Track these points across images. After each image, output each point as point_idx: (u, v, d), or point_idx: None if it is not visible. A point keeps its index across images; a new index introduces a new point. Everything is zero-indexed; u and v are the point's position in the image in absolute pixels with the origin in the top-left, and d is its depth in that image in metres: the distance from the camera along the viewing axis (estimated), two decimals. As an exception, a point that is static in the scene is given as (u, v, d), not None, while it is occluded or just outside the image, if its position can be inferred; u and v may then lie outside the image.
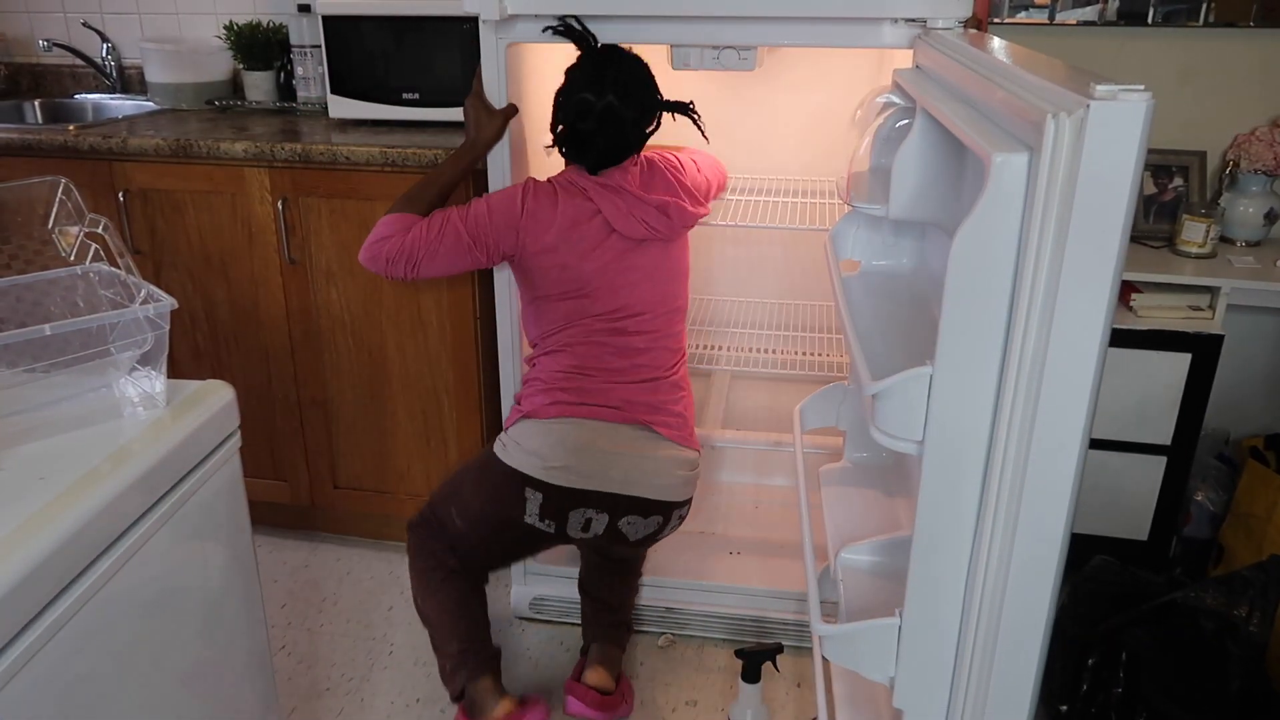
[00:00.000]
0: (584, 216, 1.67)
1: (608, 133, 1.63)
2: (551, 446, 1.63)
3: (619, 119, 1.62)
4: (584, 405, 1.67)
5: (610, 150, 1.66)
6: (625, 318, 1.71)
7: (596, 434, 1.66)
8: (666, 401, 1.74)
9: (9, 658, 0.90)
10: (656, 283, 1.74)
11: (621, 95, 1.62)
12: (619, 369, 1.71)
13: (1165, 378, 2.01)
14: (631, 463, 1.66)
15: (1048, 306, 0.86)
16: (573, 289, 1.69)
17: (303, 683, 1.95)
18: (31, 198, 1.34)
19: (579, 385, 1.69)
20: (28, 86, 2.81)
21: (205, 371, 2.21)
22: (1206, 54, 2.17)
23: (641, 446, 1.68)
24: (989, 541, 0.97)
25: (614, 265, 1.69)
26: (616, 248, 1.68)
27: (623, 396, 1.69)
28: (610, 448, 1.65)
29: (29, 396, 1.18)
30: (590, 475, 1.63)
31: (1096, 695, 1.69)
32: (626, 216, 1.66)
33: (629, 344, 1.71)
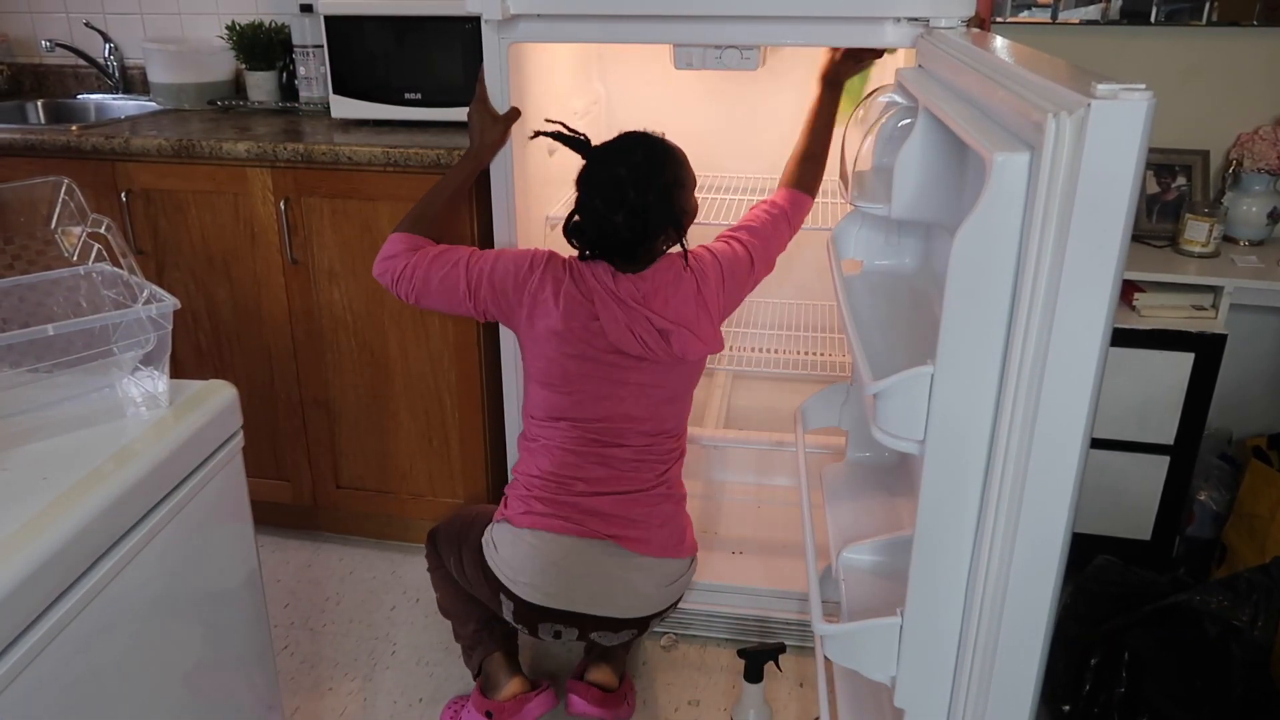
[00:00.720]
0: (582, 315, 1.56)
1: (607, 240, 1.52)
2: (521, 560, 1.60)
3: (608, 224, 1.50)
4: (555, 518, 1.60)
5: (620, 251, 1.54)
6: (607, 430, 1.62)
7: (565, 551, 1.59)
8: (647, 515, 1.64)
9: (12, 657, 0.90)
10: (649, 403, 1.62)
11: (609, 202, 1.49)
12: (597, 478, 1.62)
13: (1168, 377, 2.01)
14: (599, 584, 1.61)
15: (1049, 306, 0.86)
16: (556, 382, 1.61)
17: (305, 682, 1.95)
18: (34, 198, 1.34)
19: (553, 495, 1.61)
20: (30, 87, 2.82)
21: (208, 371, 2.22)
22: (1209, 53, 2.17)
23: (610, 567, 1.61)
24: (990, 541, 0.97)
25: (602, 375, 1.59)
26: (611, 359, 1.58)
27: (597, 509, 1.61)
28: (577, 568, 1.60)
29: (32, 396, 1.18)
30: (556, 595, 1.60)
31: (1099, 695, 1.69)
32: (624, 331, 1.54)
33: (610, 455, 1.62)
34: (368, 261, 2.04)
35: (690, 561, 1.72)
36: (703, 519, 2.22)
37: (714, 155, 2.51)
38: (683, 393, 1.68)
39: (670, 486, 1.69)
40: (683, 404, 1.70)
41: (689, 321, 1.57)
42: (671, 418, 1.67)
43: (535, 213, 2.03)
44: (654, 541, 1.64)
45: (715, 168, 2.51)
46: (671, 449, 1.69)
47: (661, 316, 1.55)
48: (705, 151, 2.50)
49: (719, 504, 2.28)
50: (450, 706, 1.84)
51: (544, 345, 1.59)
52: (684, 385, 1.67)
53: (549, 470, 1.63)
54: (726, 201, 2.28)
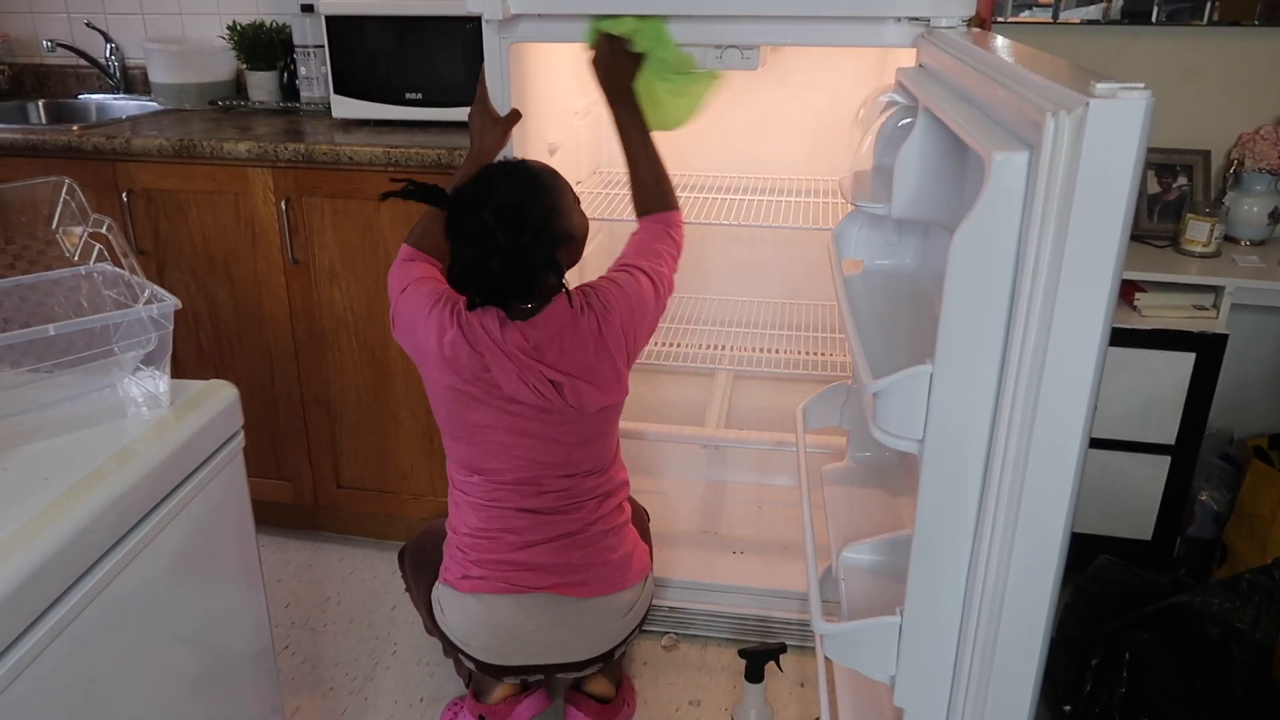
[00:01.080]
0: (474, 366, 1.44)
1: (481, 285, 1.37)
2: (469, 627, 1.59)
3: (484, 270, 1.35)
4: (492, 580, 1.56)
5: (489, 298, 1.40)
6: (524, 480, 1.53)
7: (510, 612, 1.57)
8: (585, 559, 1.58)
9: (13, 657, 0.90)
10: (560, 449, 1.51)
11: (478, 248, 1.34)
12: (525, 527, 1.55)
13: (1169, 377, 2.01)
14: (551, 636, 1.60)
15: (1048, 305, 0.86)
16: (461, 435, 1.52)
17: (306, 682, 1.95)
18: (35, 198, 1.34)
19: (485, 555, 1.56)
20: (31, 87, 2.82)
21: (208, 371, 2.22)
22: (1210, 53, 2.17)
23: (559, 616, 1.59)
24: (989, 540, 0.97)
25: (504, 425, 1.48)
26: (510, 407, 1.47)
27: (532, 562, 1.55)
28: (525, 626, 1.58)
29: (33, 396, 1.18)
30: (509, 654, 1.60)
31: (1099, 696, 1.69)
32: (518, 383, 1.43)
33: (533, 504, 1.54)
34: (369, 261, 2.05)
35: (643, 584, 1.67)
36: (703, 519, 2.22)
37: (714, 155, 2.51)
38: (595, 436, 1.54)
39: (606, 521, 1.60)
40: (599, 445, 1.56)
41: (586, 370, 1.45)
42: (588, 460, 1.55)
43: (536, 213, 2.03)
44: (597, 581, 1.59)
45: (715, 167, 2.52)
46: (597, 487, 1.58)
47: (554, 368, 1.43)
48: (705, 151, 2.51)
49: (720, 504, 2.28)
50: (451, 707, 1.84)
51: (441, 397, 1.50)
52: (596, 430, 1.54)
53: (478, 528, 1.57)
54: (727, 201, 2.28)
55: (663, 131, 1.65)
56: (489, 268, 1.35)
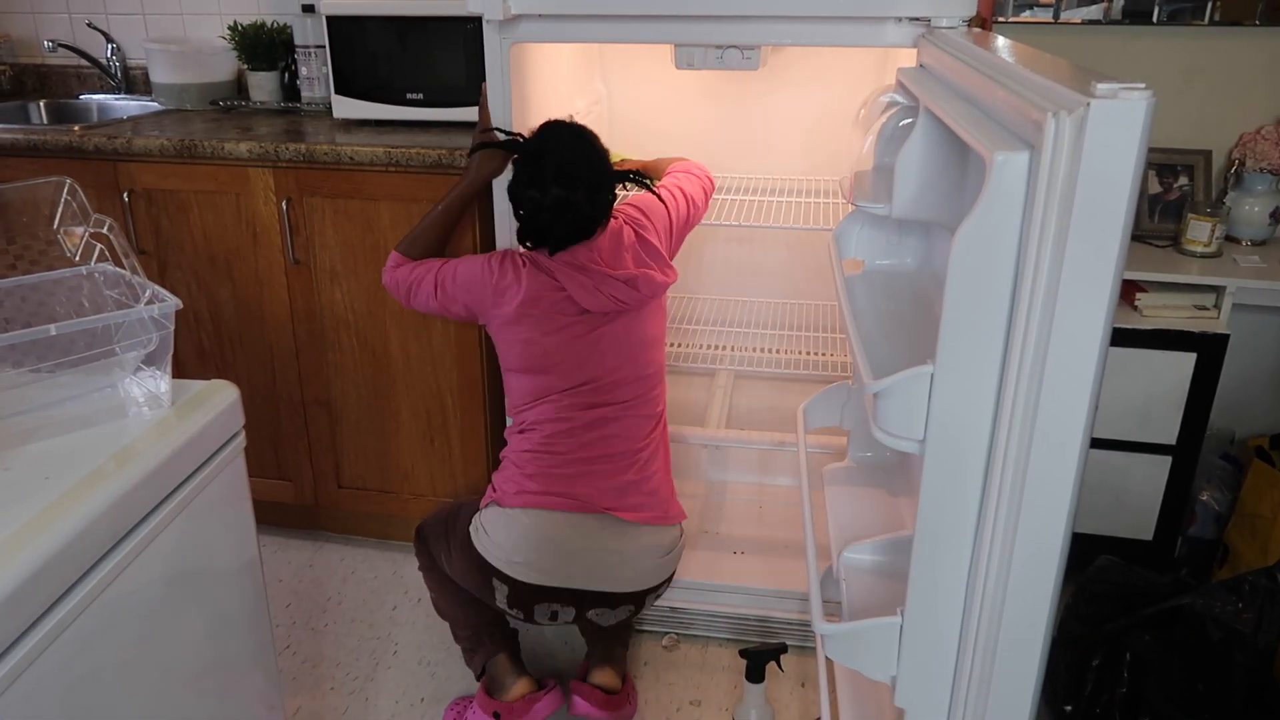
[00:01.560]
0: (548, 293, 1.63)
1: (566, 220, 1.59)
2: (514, 541, 1.61)
3: (571, 205, 1.58)
4: (548, 495, 1.63)
5: (572, 234, 1.62)
6: (593, 390, 1.67)
7: (559, 528, 1.62)
8: (637, 482, 1.68)
9: (14, 657, 0.90)
10: (625, 351, 1.68)
11: (567, 184, 1.56)
12: (586, 444, 1.66)
13: (1170, 377, 2.01)
14: (595, 558, 1.63)
15: (1048, 305, 0.86)
16: (535, 364, 1.67)
17: (307, 682, 1.95)
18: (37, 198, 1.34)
19: (544, 470, 1.65)
20: (33, 87, 2.82)
21: (210, 371, 2.22)
22: (1212, 53, 2.17)
23: (606, 540, 1.64)
24: (990, 540, 0.97)
25: (580, 340, 1.65)
26: (583, 322, 1.64)
27: (589, 483, 1.65)
28: (573, 543, 1.62)
29: (34, 396, 1.18)
30: (552, 571, 1.61)
31: (1101, 696, 1.68)
32: (594, 293, 1.61)
33: (598, 416, 1.67)
34: (369, 261, 2.05)
35: (680, 529, 1.76)
36: (704, 519, 2.22)
37: (715, 155, 2.51)
38: (655, 337, 1.73)
39: (656, 448, 1.74)
40: (657, 350, 1.75)
41: (644, 262, 1.68)
42: (650, 364, 1.72)
43: (537, 213, 2.03)
44: (646, 509, 1.68)
45: (716, 167, 2.51)
46: (655, 399, 1.74)
47: (625, 269, 1.64)
48: (706, 151, 2.50)
49: (721, 504, 2.28)
50: (453, 708, 1.84)
51: (517, 329, 1.65)
52: (654, 328, 1.73)
53: (540, 444, 1.66)
54: (729, 202, 2.28)
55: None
56: (575, 201, 1.57)
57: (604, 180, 1.63)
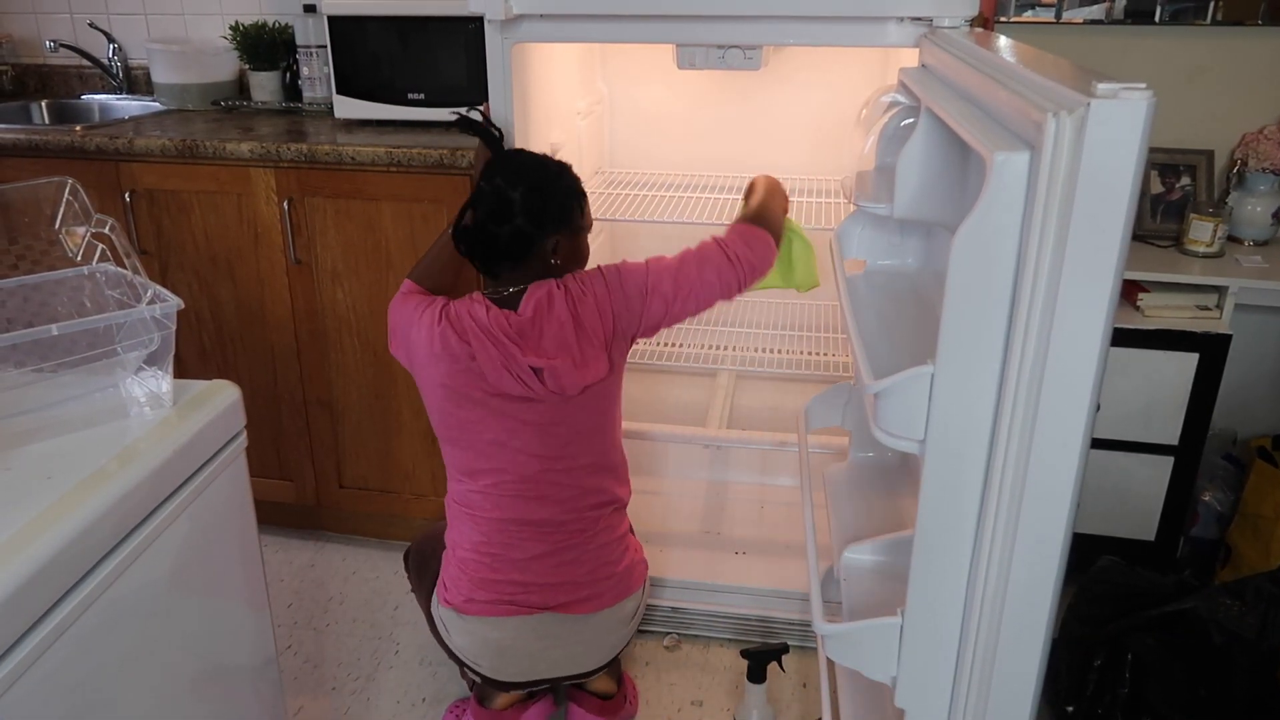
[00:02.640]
0: (461, 358, 1.46)
1: (493, 217, 1.44)
2: (475, 649, 1.59)
3: (504, 201, 1.43)
4: (497, 604, 1.55)
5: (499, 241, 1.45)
6: (520, 481, 1.51)
7: (518, 634, 1.57)
8: (590, 573, 1.58)
9: (16, 657, 0.90)
10: (554, 442, 1.50)
11: (510, 178, 1.43)
12: (530, 540, 1.54)
13: (1172, 378, 2.00)
14: (558, 652, 1.61)
15: (1049, 305, 0.86)
16: (455, 436, 1.53)
17: (309, 682, 1.95)
18: (38, 198, 1.35)
19: (488, 576, 1.55)
20: (34, 87, 2.83)
21: (211, 371, 2.22)
22: (1214, 52, 2.16)
23: (564, 635, 1.59)
24: (991, 540, 0.97)
25: (494, 421, 1.48)
26: (495, 402, 1.47)
27: (538, 580, 1.55)
28: (533, 645, 1.59)
29: (36, 396, 1.18)
30: (518, 671, 1.62)
31: (1103, 697, 1.68)
32: (501, 371, 1.44)
33: (539, 515, 1.53)
34: (371, 261, 2.05)
35: (644, 589, 1.68)
36: (705, 519, 2.22)
37: (716, 155, 2.51)
38: (591, 427, 1.53)
39: (608, 532, 1.60)
40: (598, 440, 1.55)
41: (564, 350, 1.45)
42: (587, 453, 1.53)
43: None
44: (603, 596, 1.59)
45: (717, 167, 2.52)
46: (600, 490, 1.57)
47: (534, 353, 1.44)
48: (707, 151, 2.51)
49: (722, 504, 2.28)
50: (453, 710, 1.84)
51: (433, 396, 1.52)
52: (590, 419, 1.52)
53: (479, 543, 1.55)
54: (730, 201, 2.28)
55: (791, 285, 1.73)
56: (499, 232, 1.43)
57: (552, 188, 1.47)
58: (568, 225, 1.49)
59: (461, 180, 1.94)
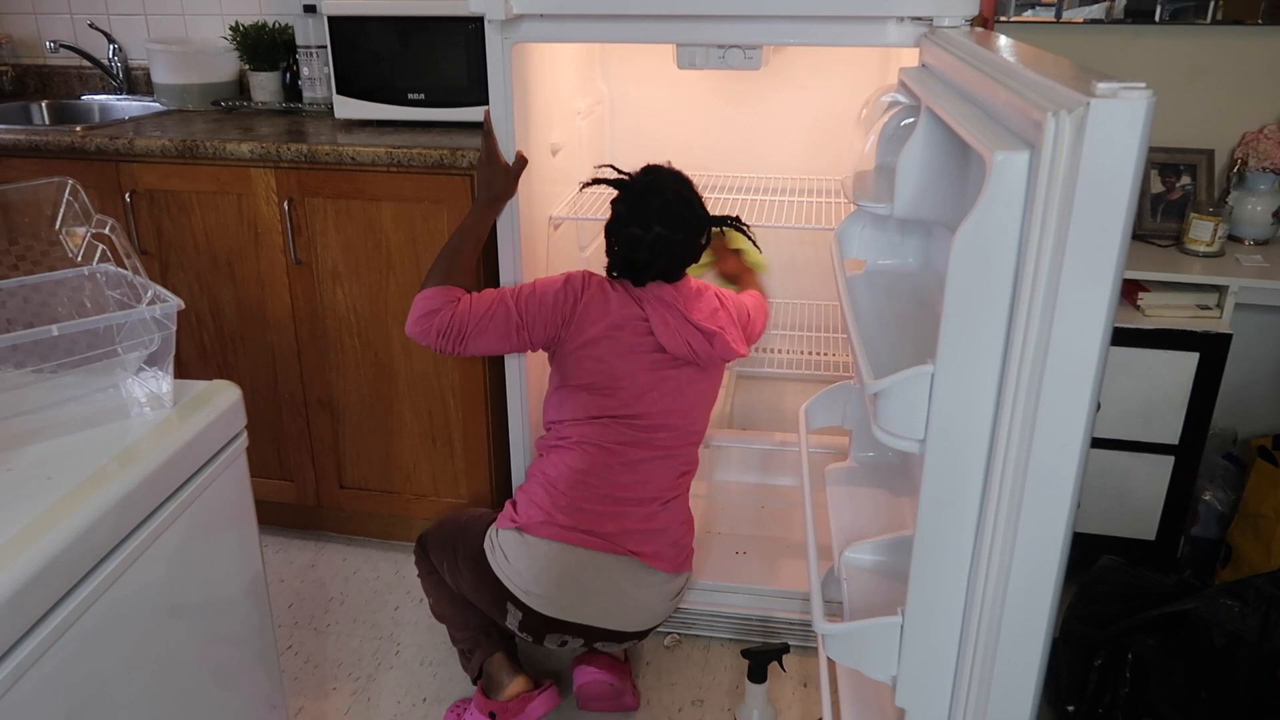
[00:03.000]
0: (632, 320, 1.67)
1: (662, 260, 1.65)
2: (536, 573, 1.62)
3: (670, 244, 1.64)
4: (576, 531, 1.63)
5: (665, 272, 1.68)
6: (643, 427, 1.68)
7: (583, 566, 1.63)
8: (663, 530, 1.70)
9: (16, 658, 0.90)
10: (682, 401, 1.71)
11: (669, 224, 1.63)
12: (622, 484, 1.68)
13: (1173, 377, 2.00)
14: (613, 600, 1.66)
15: (1049, 305, 0.85)
16: (602, 383, 1.68)
17: (309, 682, 1.95)
18: (39, 199, 1.35)
19: (577, 502, 1.65)
20: (35, 88, 2.83)
21: (212, 372, 2.22)
22: (1214, 52, 2.16)
23: (626, 584, 1.66)
24: (991, 540, 0.97)
25: (648, 373, 1.68)
26: (655, 359, 1.68)
27: (618, 524, 1.66)
28: (594, 584, 1.64)
29: (36, 397, 1.18)
30: (570, 608, 1.63)
31: (1103, 697, 1.68)
32: (674, 334, 1.65)
33: (639, 455, 1.69)
34: (371, 262, 2.05)
35: (687, 577, 1.78)
36: (706, 519, 2.22)
37: (717, 154, 2.51)
38: (710, 398, 1.77)
39: (684, 497, 1.76)
40: (707, 409, 1.77)
41: (721, 325, 1.70)
42: (699, 420, 1.75)
43: (539, 213, 2.03)
44: (668, 558, 1.69)
45: (718, 167, 2.52)
46: (692, 455, 1.76)
47: (705, 322, 1.67)
48: (708, 151, 2.51)
49: (722, 504, 2.28)
50: (453, 710, 1.84)
51: (594, 348, 1.67)
52: (711, 390, 1.76)
53: (577, 470, 1.66)
54: (730, 201, 2.28)
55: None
56: (674, 240, 1.64)
57: (702, 223, 1.70)
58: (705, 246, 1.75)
59: (462, 180, 1.94)
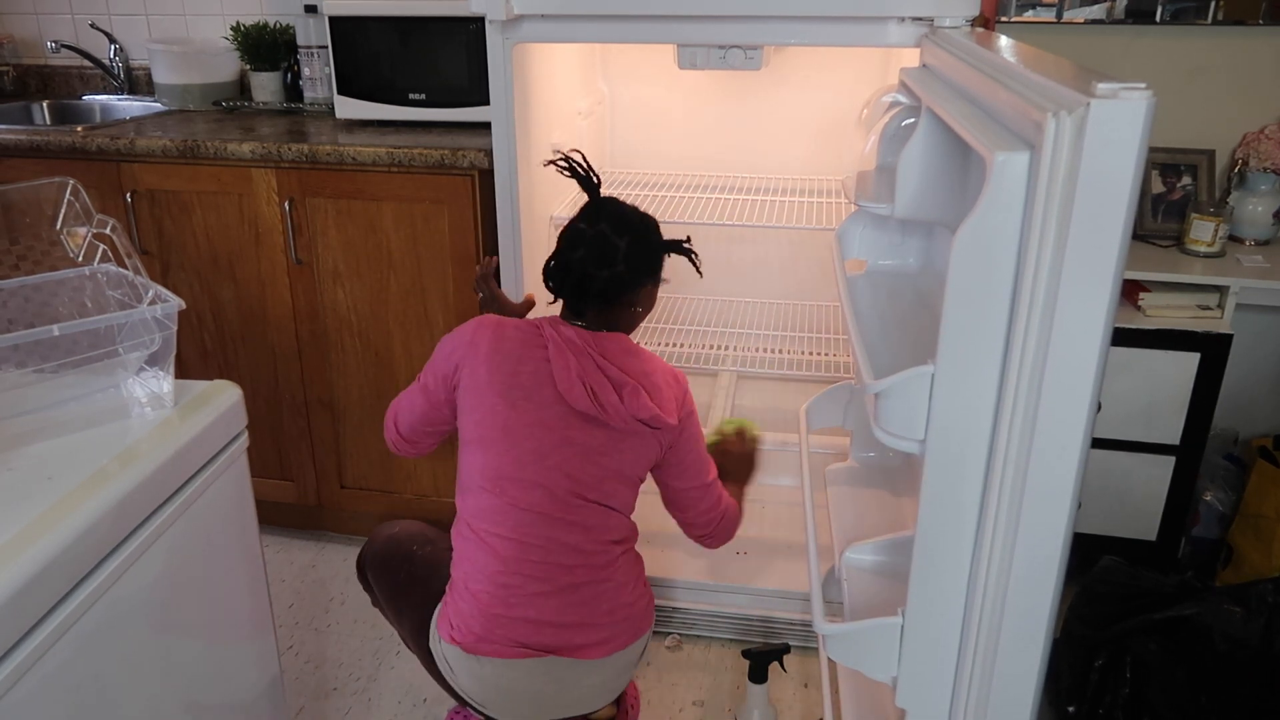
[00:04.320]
0: (529, 359, 1.47)
1: (595, 261, 1.47)
2: (486, 692, 1.51)
3: (610, 246, 1.46)
4: (513, 645, 1.47)
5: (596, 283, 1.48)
6: (548, 497, 1.46)
7: (532, 676, 1.49)
8: (608, 613, 1.51)
9: (17, 658, 0.90)
10: (595, 471, 1.48)
11: (615, 227, 1.47)
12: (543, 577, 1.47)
13: (1174, 378, 2.00)
14: (572, 696, 1.54)
15: (1049, 305, 0.85)
16: (497, 437, 1.47)
17: (310, 682, 1.95)
18: (40, 199, 1.35)
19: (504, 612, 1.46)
20: (36, 88, 2.83)
21: (212, 372, 2.22)
22: (1215, 52, 2.16)
23: (579, 676, 1.52)
24: (991, 540, 0.97)
25: (545, 429, 1.46)
26: (554, 410, 1.46)
27: (555, 624, 1.48)
28: (548, 688, 1.52)
29: (37, 396, 1.18)
30: (531, 715, 1.54)
31: (1104, 698, 1.68)
32: (574, 380, 1.44)
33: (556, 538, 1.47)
34: (372, 262, 2.05)
35: (646, 637, 1.62)
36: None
37: (717, 155, 2.51)
38: (630, 476, 1.52)
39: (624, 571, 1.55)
40: (629, 491, 1.54)
41: (646, 380, 1.49)
42: (617, 497, 1.51)
43: (539, 212, 2.03)
44: (615, 639, 1.53)
45: (718, 167, 2.52)
46: (621, 523, 1.54)
47: (616, 367, 1.47)
48: (709, 151, 2.51)
49: (723, 504, 2.28)
50: (459, 714, 1.84)
51: (485, 394, 1.48)
52: (631, 466, 1.51)
53: (497, 573, 1.47)
54: (731, 201, 2.28)
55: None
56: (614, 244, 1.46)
57: (651, 241, 1.52)
58: (655, 275, 1.55)
59: (462, 180, 1.94)
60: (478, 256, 1.99)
